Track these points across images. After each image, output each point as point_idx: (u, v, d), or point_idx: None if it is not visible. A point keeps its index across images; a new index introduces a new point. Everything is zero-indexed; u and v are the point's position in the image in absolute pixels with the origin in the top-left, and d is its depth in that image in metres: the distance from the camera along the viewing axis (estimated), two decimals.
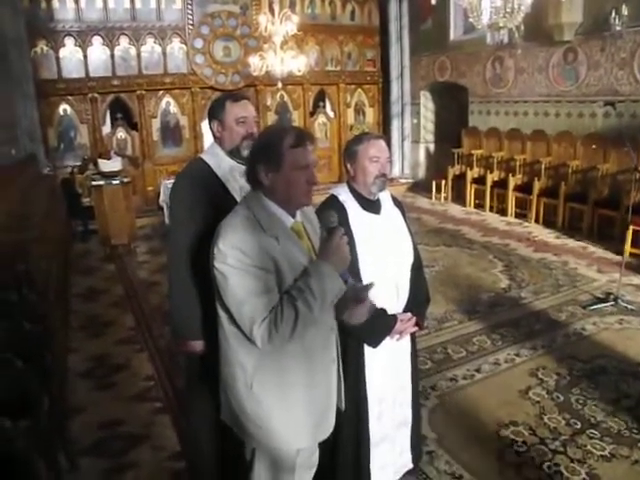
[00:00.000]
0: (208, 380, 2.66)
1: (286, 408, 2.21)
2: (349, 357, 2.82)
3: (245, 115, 2.80)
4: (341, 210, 2.83)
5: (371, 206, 2.94)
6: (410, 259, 3.04)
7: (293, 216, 2.25)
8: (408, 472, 3.37)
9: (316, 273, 2.08)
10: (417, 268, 3.12)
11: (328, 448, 2.61)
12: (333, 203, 2.90)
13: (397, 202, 3.14)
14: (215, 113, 2.83)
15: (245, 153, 2.76)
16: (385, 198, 3.04)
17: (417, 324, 3.05)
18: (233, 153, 2.82)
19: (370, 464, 3.12)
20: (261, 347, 2.05)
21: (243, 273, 2.04)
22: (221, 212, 2.31)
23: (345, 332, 2.58)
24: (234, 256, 2.04)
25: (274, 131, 2.29)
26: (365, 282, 2.54)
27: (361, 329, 2.80)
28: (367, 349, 2.96)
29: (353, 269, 2.66)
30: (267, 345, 2.04)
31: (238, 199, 2.67)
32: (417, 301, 3.09)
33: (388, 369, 3.06)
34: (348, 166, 2.95)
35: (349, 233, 2.73)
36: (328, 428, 2.41)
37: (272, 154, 2.14)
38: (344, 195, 2.94)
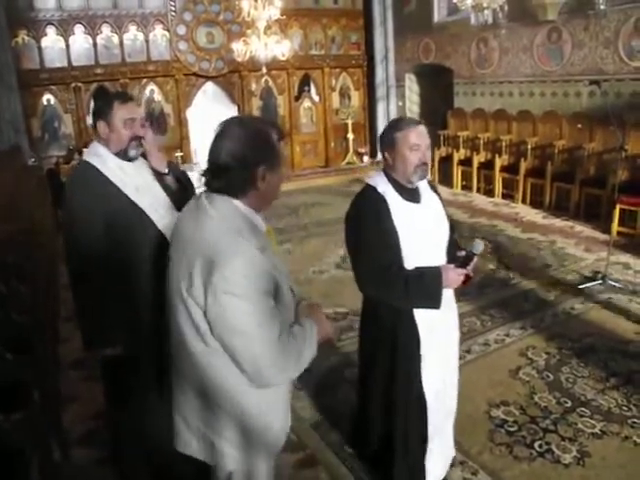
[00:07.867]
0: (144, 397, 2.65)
1: (277, 397, 2.08)
2: (405, 355, 2.83)
3: (134, 117, 2.75)
4: (382, 202, 2.74)
5: (411, 194, 2.81)
6: (446, 240, 2.94)
7: None
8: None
9: (311, 335, 2.01)
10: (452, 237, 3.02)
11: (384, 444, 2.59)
12: (373, 195, 2.80)
13: (432, 186, 3.01)
14: (101, 113, 2.73)
15: (132, 154, 2.76)
16: (422, 184, 2.90)
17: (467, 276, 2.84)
18: (120, 155, 2.75)
19: (425, 459, 3.03)
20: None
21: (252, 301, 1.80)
22: (118, 212, 2.38)
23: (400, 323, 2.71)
24: (241, 284, 1.76)
25: (258, 127, 1.93)
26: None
27: (414, 297, 2.72)
28: (423, 343, 2.88)
29: (397, 260, 2.66)
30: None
31: (133, 197, 2.67)
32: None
33: (441, 361, 3.01)
34: (386, 154, 2.80)
35: (391, 225, 2.68)
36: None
37: (272, 152, 1.90)
38: (383, 185, 2.81)
